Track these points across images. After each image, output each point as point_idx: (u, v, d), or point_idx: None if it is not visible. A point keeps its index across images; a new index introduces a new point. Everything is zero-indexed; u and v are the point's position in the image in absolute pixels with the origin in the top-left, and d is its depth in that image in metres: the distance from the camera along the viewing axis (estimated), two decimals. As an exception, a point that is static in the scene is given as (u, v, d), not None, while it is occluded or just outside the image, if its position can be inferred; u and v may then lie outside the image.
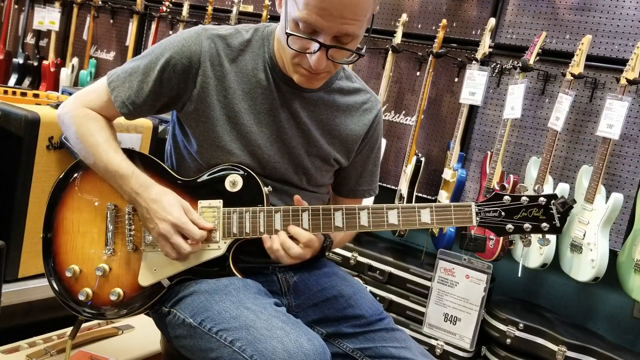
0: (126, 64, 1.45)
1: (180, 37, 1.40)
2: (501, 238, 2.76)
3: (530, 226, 1.35)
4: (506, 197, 1.36)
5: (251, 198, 1.40)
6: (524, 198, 1.35)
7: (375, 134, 1.59)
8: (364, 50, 1.37)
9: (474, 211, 1.36)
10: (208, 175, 1.43)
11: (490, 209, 1.36)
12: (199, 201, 1.40)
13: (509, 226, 1.35)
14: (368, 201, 2.89)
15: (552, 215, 1.34)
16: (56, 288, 1.44)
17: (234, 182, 1.40)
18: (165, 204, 1.34)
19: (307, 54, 1.28)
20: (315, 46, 1.25)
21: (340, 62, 1.31)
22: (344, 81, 1.52)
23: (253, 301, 1.30)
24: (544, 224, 1.35)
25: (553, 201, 1.34)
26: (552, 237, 2.59)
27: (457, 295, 2.81)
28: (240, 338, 1.20)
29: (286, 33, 1.28)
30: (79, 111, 1.45)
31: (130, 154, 1.46)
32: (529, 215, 1.35)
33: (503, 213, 1.35)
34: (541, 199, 1.35)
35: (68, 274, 1.41)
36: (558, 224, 1.34)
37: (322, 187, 1.57)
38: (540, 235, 1.37)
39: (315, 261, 1.57)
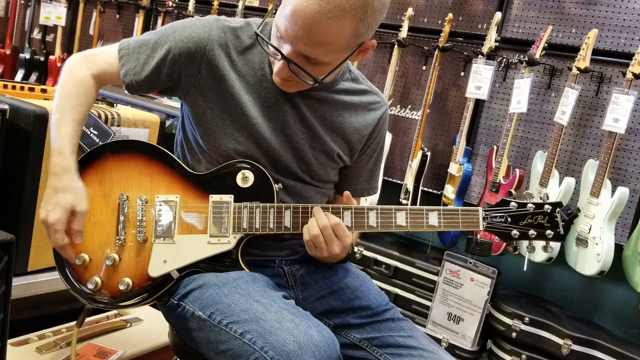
0: (139, 36, 1.47)
1: (192, 22, 1.42)
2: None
3: (535, 233, 1.38)
4: (513, 204, 1.39)
5: (261, 194, 1.41)
6: (530, 205, 1.38)
7: (380, 134, 1.59)
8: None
9: (481, 216, 1.38)
10: (219, 170, 1.44)
11: (496, 214, 1.39)
12: (210, 195, 1.41)
13: (515, 232, 1.39)
14: (374, 197, 2.91)
15: (557, 223, 1.38)
16: (65, 276, 1.44)
17: (245, 177, 1.42)
18: (59, 199, 1.36)
19: (276, 59, 1.32)
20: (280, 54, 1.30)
21: (302, 79, 1.31)
22: (349, 83, 1.52)
23: (262, 294, 1.31)
24: (549, 231, 1.38)
25: (558, 209, 1.37)
26: (554, 244, 2.59)
27: (461, 297, 2.82)
28: (250, 330, 1.21)
29: (255, 32, 1.36)
30: (79, 72, 1.46)
31: (141, 145, 1.47)
32: (534, 222, 1.38)
33: (509, 219, 1.38)
34: (547, 206, 1.38)
35: (78, 263, 1.41)
36: (562, 232, 1.38)
37: (327, 183, 1.58)
38: (544, 243, 1.40)
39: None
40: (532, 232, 1.38)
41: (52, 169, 1.39)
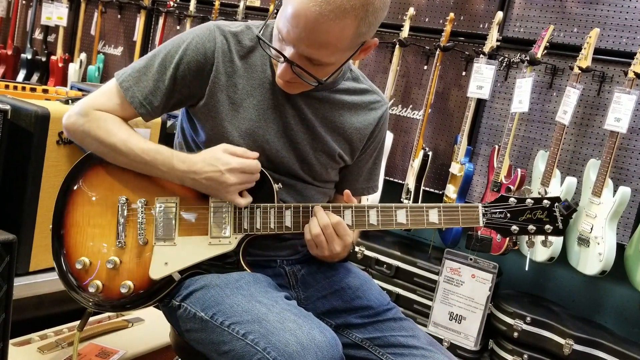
0: (134, 63, 1.43)
1: (194, 34, 1.40)
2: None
3: (534, 228, 1.39)
4: (512, 199, 1.40)
5: (261, 194, 1.41)
6: (528, 200, 1.39)
7: (381, 134, 1.60)
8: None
9: (481, 212, 1.39)
10: None
11: (496, 210, 1.40)
12: (211, 197, 1.41)
13: (514, 227, 1.39)
14: (375, 197, 2.91)
15: (556, 218, 1.39)
16: (66, 280, 1.44)
17: None
18: (214, 162, 1.34)
19: (279, 62, 1.32)
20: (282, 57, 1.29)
21: (306, 81, 1.31)
22: (350, 82, 1.52)
23: (264, 295, 1.31)
24: (547, 226, 1.39)
25: (556, 204, 1.38)
26: (554, 239, 2.60)
27: (462, 295, 2.82)
28: (253, 331, 1.21)
29: (257, 36, 1.36)
30: (89, 116, 1.40)
31: None
32: (533, 217, 1.39)
33: (508, 214, 1.40)
34: (545, 201, 1.39)
35: (78, 266, 1.41)
36: (560, 226, 1.39)
37: (328, 183, 1.58)
38: (543, 238, 1.41)
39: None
40: (531, 227, 1.39)
41: (184, 171, 1.37)
